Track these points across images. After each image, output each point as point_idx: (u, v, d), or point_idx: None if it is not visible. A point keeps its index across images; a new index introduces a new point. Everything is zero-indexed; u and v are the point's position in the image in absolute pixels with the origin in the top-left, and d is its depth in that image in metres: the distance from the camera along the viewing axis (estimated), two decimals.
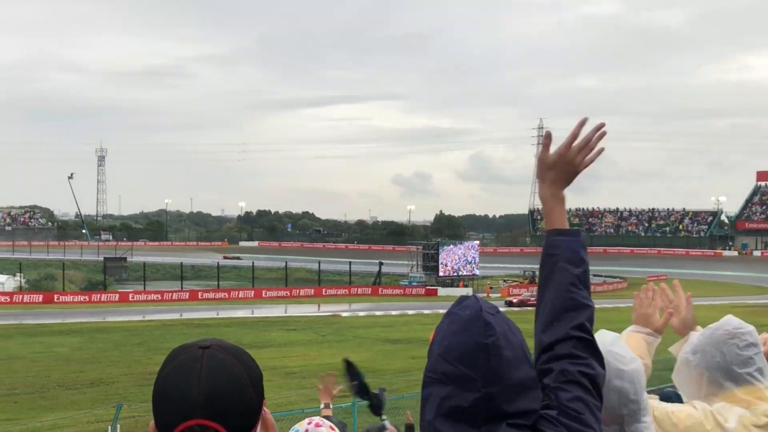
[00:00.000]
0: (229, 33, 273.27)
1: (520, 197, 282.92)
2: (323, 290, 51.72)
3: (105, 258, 63.31)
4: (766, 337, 2.08)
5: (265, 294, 49.32)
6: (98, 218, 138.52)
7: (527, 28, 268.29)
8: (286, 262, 59.63)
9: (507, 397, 1.21)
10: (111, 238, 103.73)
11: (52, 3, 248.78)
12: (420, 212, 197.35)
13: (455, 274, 53.25)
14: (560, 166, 1.48)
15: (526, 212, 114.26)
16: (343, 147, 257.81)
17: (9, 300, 43.80)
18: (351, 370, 2.86)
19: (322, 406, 3.44)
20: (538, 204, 75.86)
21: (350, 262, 59.21)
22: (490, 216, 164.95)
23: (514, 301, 41.46)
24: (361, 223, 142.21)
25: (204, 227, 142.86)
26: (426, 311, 38.28)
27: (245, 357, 1.15)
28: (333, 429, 2.58)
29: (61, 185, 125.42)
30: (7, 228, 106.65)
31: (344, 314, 40.40)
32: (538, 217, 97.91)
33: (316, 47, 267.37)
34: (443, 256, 52.35)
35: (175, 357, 1.13)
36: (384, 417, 2.91)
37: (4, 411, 18.38)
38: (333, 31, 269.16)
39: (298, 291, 50.83)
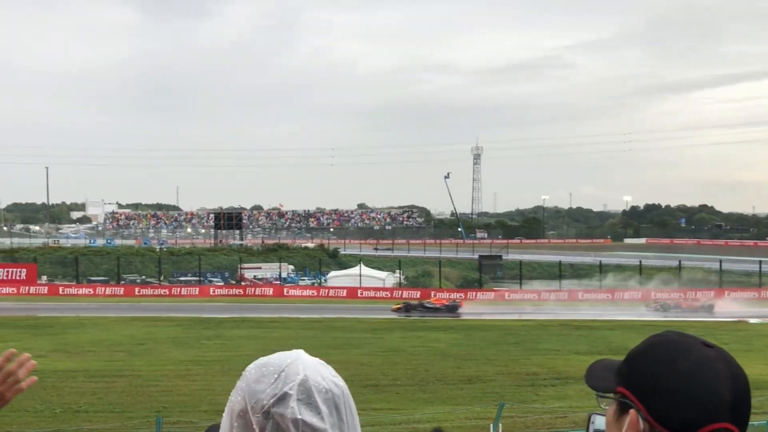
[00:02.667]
0: (610, 17, 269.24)
1: None
2: (725, 292, 47.86)
3: (480, 256, 67.08)
4: None
5: (655, 296, 47.06)
6: (473, 216, 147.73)
7: None
8: (680, 261, 56.61)
9: None
10: (486, 236, 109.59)
11: (418, 7, 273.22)
12: None
13: None
14: None
15: None
16: (748, 130, 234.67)
17: (389, 295, 48.99)
18: None
19: None
20: None
21: (760, 261, 53.74)
22: None
23: None
24: None
25: (584, 224, 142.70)
26: None
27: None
28: None
29: (438, 185, 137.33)
30: (387, 227, 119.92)
31: (752, 320, 37.88)
32: None
33: (712, 22, 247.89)
34: None
35: (685, 353, 1.10)
36: None
37: (388, 400, 20.42)
38: (730, 2, 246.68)
39: (694, 293, 47.55)
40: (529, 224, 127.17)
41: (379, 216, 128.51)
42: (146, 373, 23.14)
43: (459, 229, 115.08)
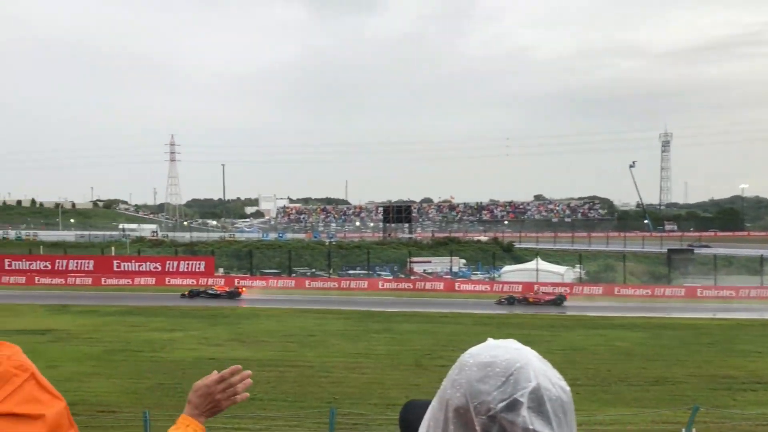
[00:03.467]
0: None
1: None
2: None
3: (669, 249, 64.19)
4: None
5: None
6: (661, 207, 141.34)
7: None
8: None
9: None
10: (675, 228, 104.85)
11: None
12: None
13: None
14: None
15: None
16: None
17: (569, 291, 47.92)
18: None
19: None
20: None
21: None
22: None
23: None
24: None
25: None
26: None
27: None
28: None
29: (622, 174, 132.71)
30: (566, 219, 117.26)
31: None
32: None
33: None
34: None
35: None
36: None
37: None
38: None
39: None
40: (726, 215, 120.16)
41: (557, 208, 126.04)
42: (317, 364, 24.07)
43: (645, 221, 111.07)
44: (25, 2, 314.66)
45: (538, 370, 1.17)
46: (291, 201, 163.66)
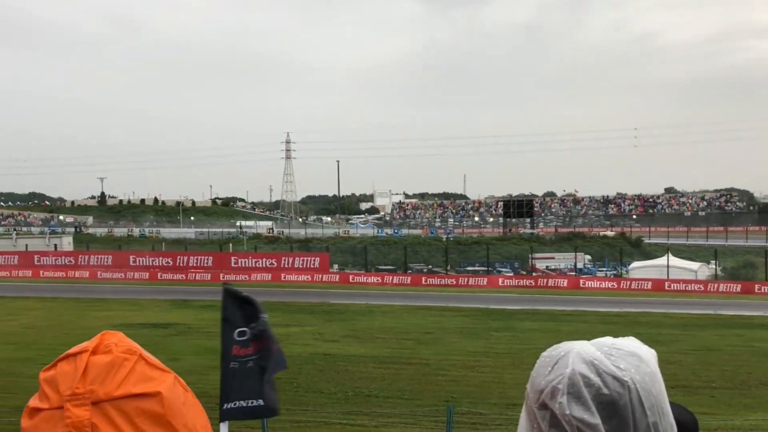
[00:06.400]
0: None
1: None
2: None
3: None
4: None
5: None
6: None
7: None
8: None
9: None
10: None
11: None
12: None
13: None
14: None
15: None
16: None
17: (703, 289, 46.14)
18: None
19: None
20: None
21: None
22: None
23: None
24: None
25: None
26: None
27: None
28: None
29: (763, 164, 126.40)
30: (700, 213, 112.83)
31: None
32: None
33: None
34: None
35: None
36: None
37: (701, 404, 19.26)
38: None
39: None
40: None
41: (690, 201, 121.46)
42: (434, 362, 24.13)
43: None
44: (142, 4, 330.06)
45: (583, 357, 1.18)
46: (407, 196, 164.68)
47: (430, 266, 60.55)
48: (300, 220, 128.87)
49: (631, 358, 1.19)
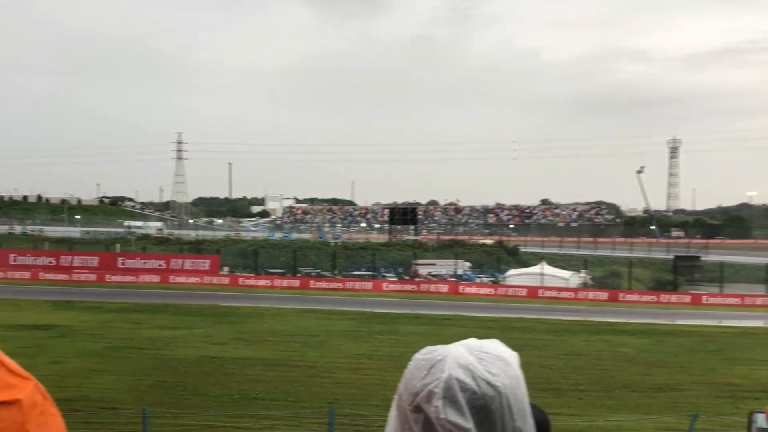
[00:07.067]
0: None
1: None
2: None
3: (675, 256, 64.06)
4: None
5: None
6: (668, 214, 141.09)
7: None
8: None
9: None
10: (683, 235, 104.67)
11: None
12: None
13: None
14: None
15: None
16: None
17: (574, 296, 47.92)
18: None
19: None
20: None
21: None
22: None
23: None
24: None
25: None
26: None
27: None
28: None
29: (629, 180, 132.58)
30: (572, 224, 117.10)
31: None
32: None
33: None
34: None
35: None
36: None
37: (569, 405, 19.95)
38: None
39: None
40: (733, 223, 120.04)
41: (563, 212, 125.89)
42: (320, 365, 24.07)
43: (652, 227, 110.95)
44: None
45: (457, 363, 1.18)
46: (297, 201, 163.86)
47: (319, 270, 60.39)
48: (191, 221, 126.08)
49: (499, 363, 1.21)
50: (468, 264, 62.15)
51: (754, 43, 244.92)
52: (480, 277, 58.74)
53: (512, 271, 56.58)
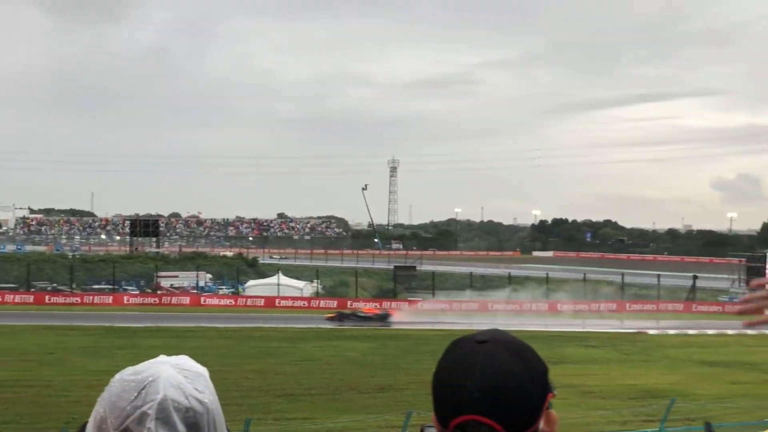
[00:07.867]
0: (517, 37, 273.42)
1: None
2: (626, 305, 50.09)
3: (395, 266, 67.40)
4: None
5: (561, 307, 48.60)
6: (389, 227, 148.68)
7: None
8: (585, 274, 58.64)
9: None
10: (401, 247, 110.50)
11: (338, 21, 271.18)
12: (743, 221, 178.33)
13: None
14: None
15: None
16: (651, 149, 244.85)
17: (307, 305, 48.92)
18: None
19: None
20: None
21: (659, 275, 56.39)
22: None
23: None
24: (672, 233, 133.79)
25: (495, 236, 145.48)
26: (750, 332, 34.74)
27: (526, 352, 1.18)
28: None
29: (356, 196, 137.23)
30: (306, 237, 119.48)
31: (651, 332, 39.41)
32: None
33: (614, 45, 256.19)
34: None
35: (453, 350, 1.20)
36: None
37: (302, 410, 20.40)
38: (632, 27, 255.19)
39: (597, 305, 49.33)
40: (443, 236, 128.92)
41: (298, 226, 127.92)
42: (56, 383, 22.42)
43: (375, 240, 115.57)
44: None
45: (170, 382, 1.17)
46: (32, 211, 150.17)
47: (55, 284, 55.84)
48: None
49: (201, 379, 1.21)
50: (209, 276, 60.99)
51: (459, 76, 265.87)
52: (221, 289, 57.91)
53: (251, 282, 56.42)
